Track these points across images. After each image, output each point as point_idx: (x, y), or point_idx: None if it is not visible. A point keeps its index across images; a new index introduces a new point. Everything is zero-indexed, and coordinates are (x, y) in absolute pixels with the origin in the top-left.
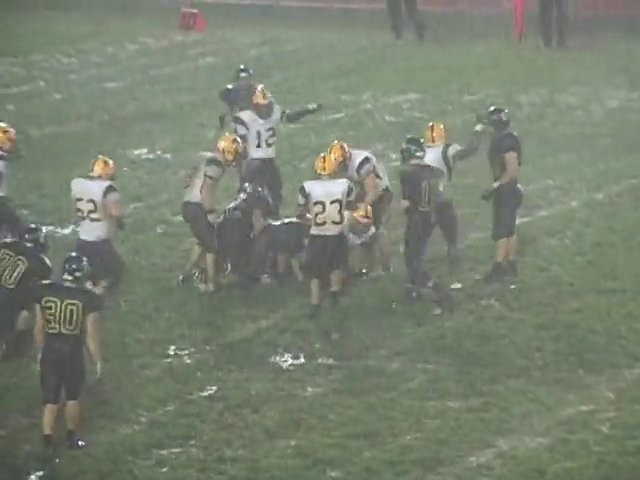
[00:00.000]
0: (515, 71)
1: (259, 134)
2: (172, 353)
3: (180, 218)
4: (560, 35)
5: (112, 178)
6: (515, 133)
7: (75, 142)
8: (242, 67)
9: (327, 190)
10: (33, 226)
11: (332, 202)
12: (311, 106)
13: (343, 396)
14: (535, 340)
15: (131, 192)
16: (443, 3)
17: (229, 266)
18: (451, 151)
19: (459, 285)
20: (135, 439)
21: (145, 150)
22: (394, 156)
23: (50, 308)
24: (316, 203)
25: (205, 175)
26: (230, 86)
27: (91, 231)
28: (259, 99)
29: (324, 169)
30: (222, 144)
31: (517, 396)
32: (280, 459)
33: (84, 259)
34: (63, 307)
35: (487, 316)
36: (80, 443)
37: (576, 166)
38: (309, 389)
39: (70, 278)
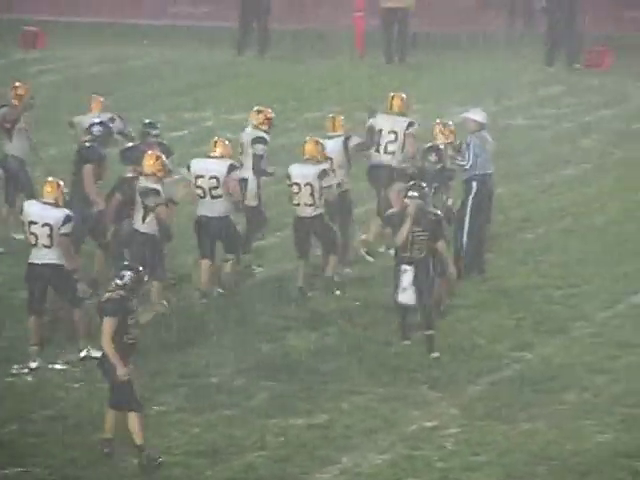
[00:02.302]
0: (357, 88)
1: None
2: (14, 372)
3: None
4: (401, 52)
5: (232, 157)
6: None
7: None
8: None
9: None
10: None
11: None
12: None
13: (186, 414)
14: (378, 356)
15: None
16: (289, 20)
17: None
18: (352, 142)
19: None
20: None
21: None
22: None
23: None
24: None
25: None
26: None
27: (212, 208)
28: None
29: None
30: (148, 170)
31: (361, 413)
32: (123, 478)
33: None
34: None
35: (331, 332)
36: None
37: None
38: (153, 407)
39: None
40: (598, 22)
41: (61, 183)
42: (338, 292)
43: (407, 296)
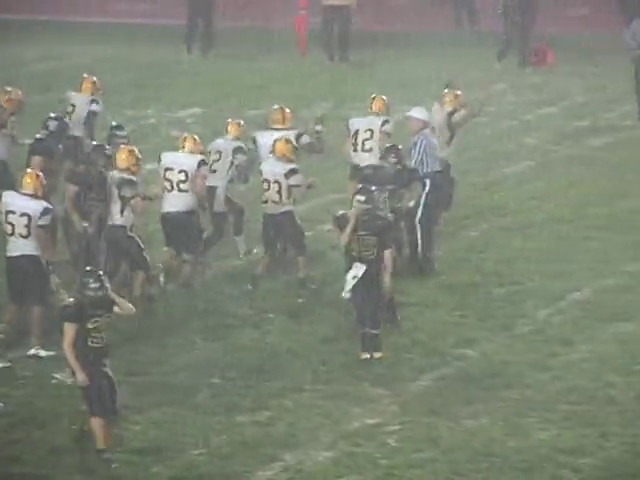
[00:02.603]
0: (298, 86)
1: None
2: None
3: None
4: (343, 51)
5: (202, 153)
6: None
7: None
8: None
9: None
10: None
11: None
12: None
13: (128, 412)
14: (321, 354)
15: None
16: (234, 18)
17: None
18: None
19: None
20: None
21: None
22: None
23: None
24: None
25: (120, 197)
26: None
27: (178, 201)
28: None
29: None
30: (122, 164)
31: (303, 410)
32: (68, 476)
33: None
34: None
35: (272, 330)
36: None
37: None
38: None
39: None
40: (540, 20)
41: (40, 175)
42: (314, 286)
43: (345, 289)
